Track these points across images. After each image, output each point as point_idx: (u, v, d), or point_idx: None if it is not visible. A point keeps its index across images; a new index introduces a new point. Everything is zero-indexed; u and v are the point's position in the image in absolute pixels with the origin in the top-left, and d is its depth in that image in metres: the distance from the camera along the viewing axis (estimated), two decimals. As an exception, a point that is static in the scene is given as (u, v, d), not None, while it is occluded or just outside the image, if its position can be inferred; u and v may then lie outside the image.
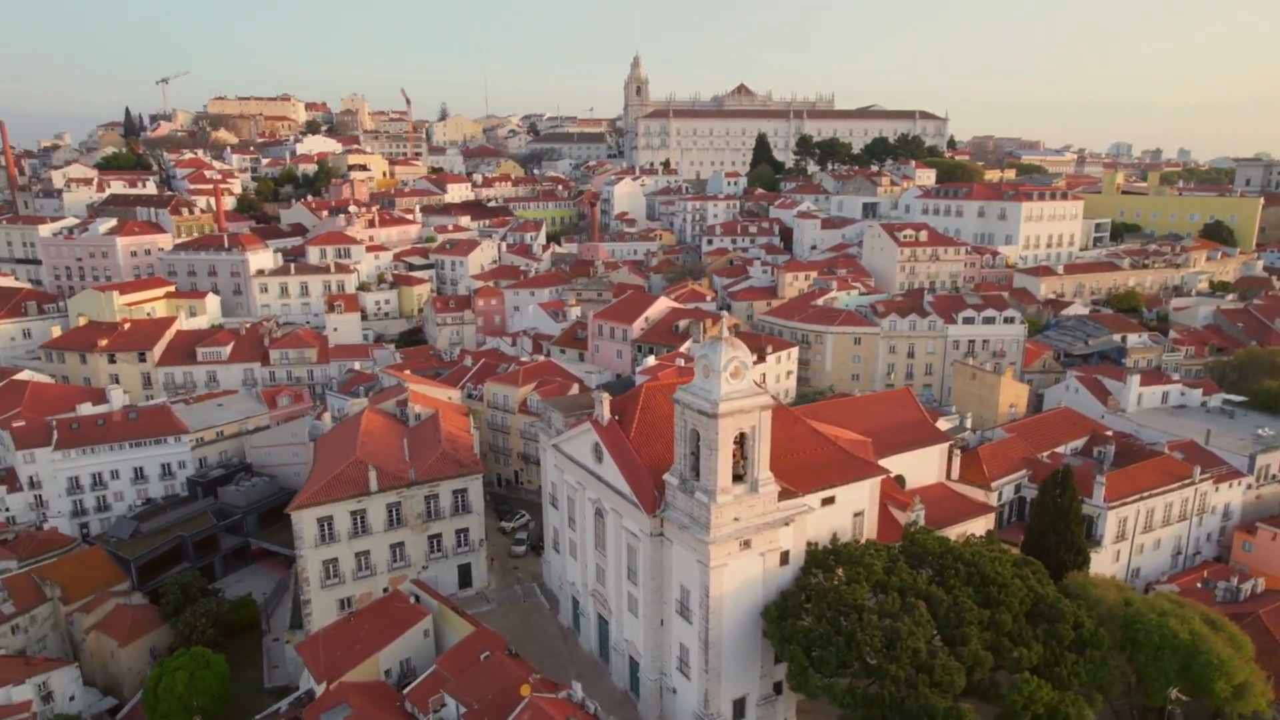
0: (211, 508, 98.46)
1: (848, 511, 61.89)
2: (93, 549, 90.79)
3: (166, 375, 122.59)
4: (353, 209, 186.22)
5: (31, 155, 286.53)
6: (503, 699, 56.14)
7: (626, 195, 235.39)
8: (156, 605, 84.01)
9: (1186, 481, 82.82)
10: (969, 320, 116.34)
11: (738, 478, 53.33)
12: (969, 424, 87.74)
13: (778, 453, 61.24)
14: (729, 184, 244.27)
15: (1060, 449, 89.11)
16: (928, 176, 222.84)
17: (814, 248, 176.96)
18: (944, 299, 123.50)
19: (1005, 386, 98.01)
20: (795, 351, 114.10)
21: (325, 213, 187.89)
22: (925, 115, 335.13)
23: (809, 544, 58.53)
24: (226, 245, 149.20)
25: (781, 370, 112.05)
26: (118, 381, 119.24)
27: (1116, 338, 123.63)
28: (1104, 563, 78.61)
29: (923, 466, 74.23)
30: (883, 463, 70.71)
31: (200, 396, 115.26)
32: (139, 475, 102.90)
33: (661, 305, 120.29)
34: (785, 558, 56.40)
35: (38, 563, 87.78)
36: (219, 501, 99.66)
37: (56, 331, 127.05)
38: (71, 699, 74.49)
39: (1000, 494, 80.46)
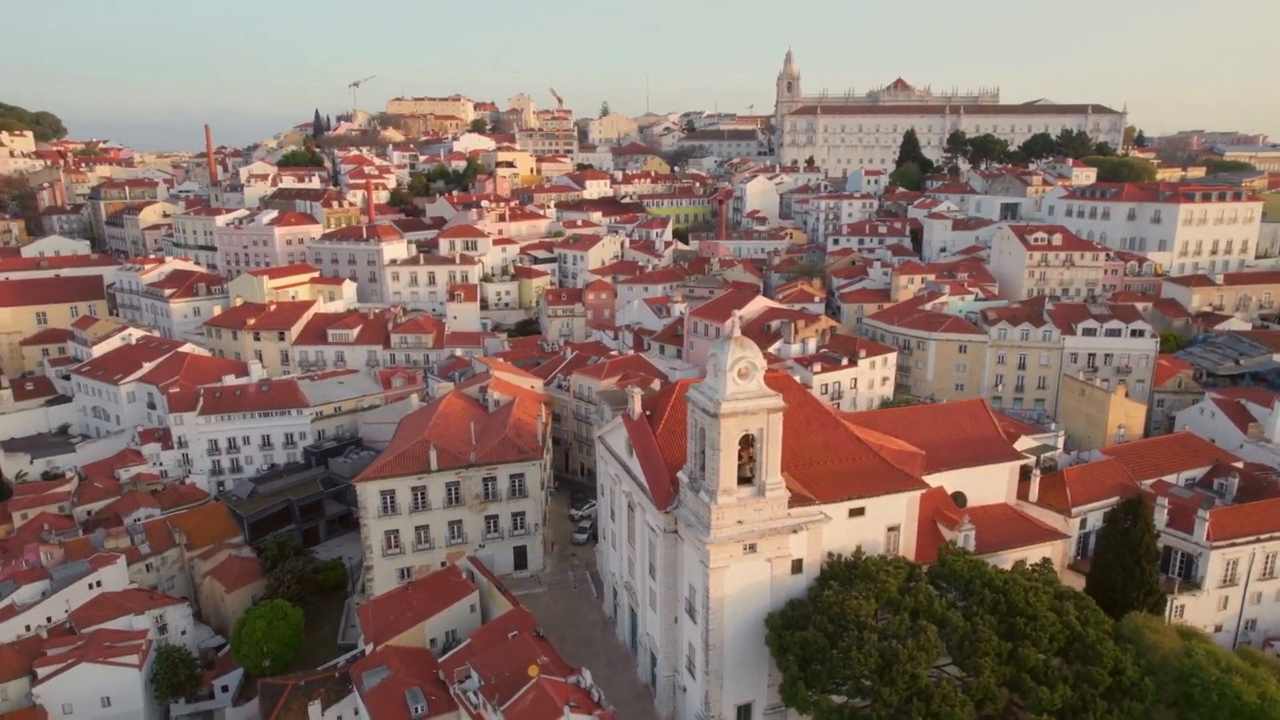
0: (321, 476, 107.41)
1: (879, 525, 59.28)
2: (216, 504, 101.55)
3: (301, 353, 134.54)
4: (485, 204, 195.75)
5: (239, 155, 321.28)
6: (517, 677, 58.36)
7: (759, 193, 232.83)
8: (260, 559, 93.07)
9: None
10: (1090, 332, 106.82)
11: (746, 480, 52.58)
12: (1060, 443, 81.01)
13: (810, 459, 59.94)
14: (869, 182, 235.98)
15: (1170, 478, 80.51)
16: (1086, 176, 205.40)
17: (944, 250, 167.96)
18: (1065, 308, 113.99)
19: (1116, 405, 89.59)
20: (893, 357, 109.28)
21: (462, 207, 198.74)
22: (1100, 109, 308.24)
23: (830, 555, 56.70)
24: (365, 236, 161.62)
25: (876, 376, 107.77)
26: (260, 357, 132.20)
27: (1277, 358, 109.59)
28: (1205, 610, 70.42)
29: (988, 484, 69.45)
30: (940, 478, 67.49)
31: (325, 374, 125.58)
32: (266, 442, 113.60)
33: (758, 304, 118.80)
34: (798, 566, 54.96)
35: (173, 512, 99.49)
36: (329, 471, 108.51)
37: (217, 310, 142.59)
38: (183, 633, 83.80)
39: (1084, 521, 73.97)
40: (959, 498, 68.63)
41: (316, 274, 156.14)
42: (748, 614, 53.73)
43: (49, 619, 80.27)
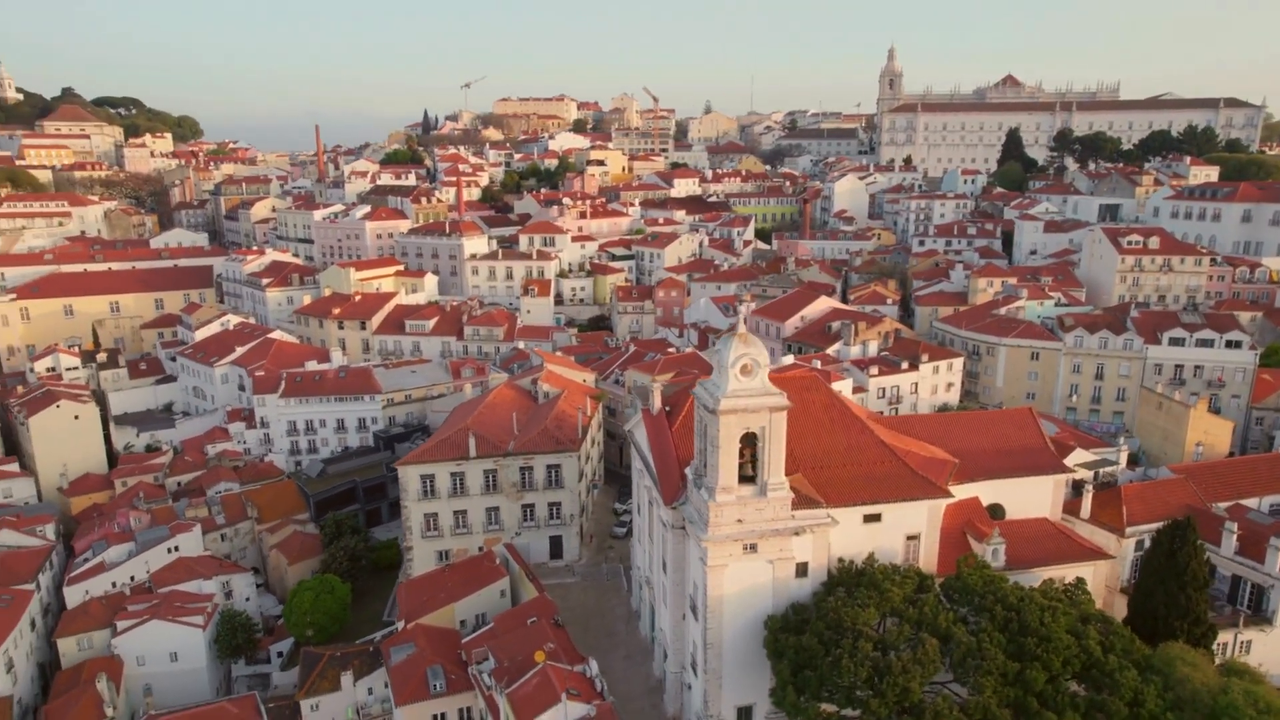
0: (387, 460, 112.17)
1: (897, 533, 57.53)
2: (287, 482, 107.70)
3: (380, 342, 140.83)
4: (565, 201, 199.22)
5: (351, 153, 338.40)
6: (527, 662, 59.85)
7: (847, 192, 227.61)
8: (322, 535, 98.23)
9: None
10: (1177, 341, 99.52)
11: (749, 479, 52.07)
12: (1122, 458, 76.07)
13: (829, 461, 58.93)
14: (965, 182, 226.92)
15: (1250, 501, 74.34)
16: (1205, 175, 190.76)
17: (1033, 253, 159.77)
18: (1152, 315, 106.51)
19: (1195, 420, 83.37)
20: (958, 363, 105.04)
21: (544, 204, 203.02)
22: (1234, 103, 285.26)
23: (840, 560, 55.43)
24: (447, 231, 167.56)
25: (940, 381, 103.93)
26: (343, 345, 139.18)
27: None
28: (1275, 648, 64.78)
29: (1030, 497, 66.02)
30: (976, 488, 64.97)
31: (399, 363, 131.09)
32: (340, 426, 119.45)
33: (821, 305, 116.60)
34: (803, 570, 53.97)
35: (249, 488, 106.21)
36: (394, 455, 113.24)
37: (308, 300, 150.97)
38: (247, 600, 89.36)
39: (1142, 543, 69.18)
40: (996, 510, 65.63)
41: (401, 267, 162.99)
42: (748, 615, 53.19)
43: (132, 578, 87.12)
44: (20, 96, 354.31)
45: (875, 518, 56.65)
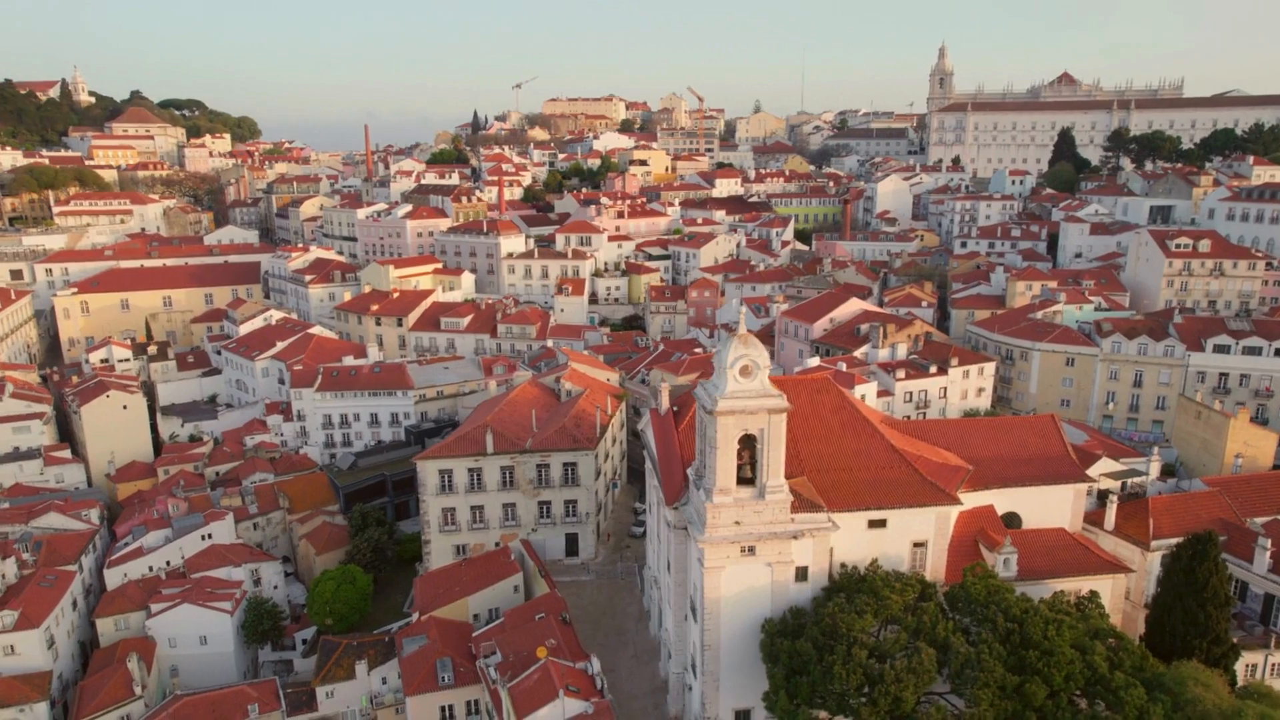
0: (416, 455, 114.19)
1: (903, 539, 56.66)
2: (319, 474, 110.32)
3: (416, 338, 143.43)
4: (604, 200, 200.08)
5: (401, 153, 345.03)
6: (530, 657, 60.49)
7: (891, 193, 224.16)
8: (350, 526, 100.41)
9: None
10: (1222, 349, 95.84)
11: (747, 481, 51.83)
12: (1153, 468, 73.61)
13: (836, 465, 58.44)
14: (1013, 183, 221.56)
15: (1289, 516, 71.27)
16: (1270, 175, 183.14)
17: (1078, 256, 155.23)
18: (1197, 321, 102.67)
19: (1235, 430, 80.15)
20: (990, 367, 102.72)
21: (583, 204, 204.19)
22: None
23: (843, 566, 54.81)
24: (485, 230, 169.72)
25: (971, 386, 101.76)
26: (380, 341, 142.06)
27: None
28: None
29: (1048, 506, 64.30)
30: (991, 495, 63.61)
31: (432, 359, 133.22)
32: (374, 420, 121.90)
33: (851, 306, 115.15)
34: (803, 574, 53.50)
35: (283, 479, 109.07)
36: (424, 450, 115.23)
37: (348, 296, 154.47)
38: (275, 587, 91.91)
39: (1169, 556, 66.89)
40: (1012, 518, 64.13)
41: (440, 265, 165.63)
42: (746, 618, 52.94)
43: (167, 563, 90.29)
44: (92, 99, 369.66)
45: (880, 523, 55.89)
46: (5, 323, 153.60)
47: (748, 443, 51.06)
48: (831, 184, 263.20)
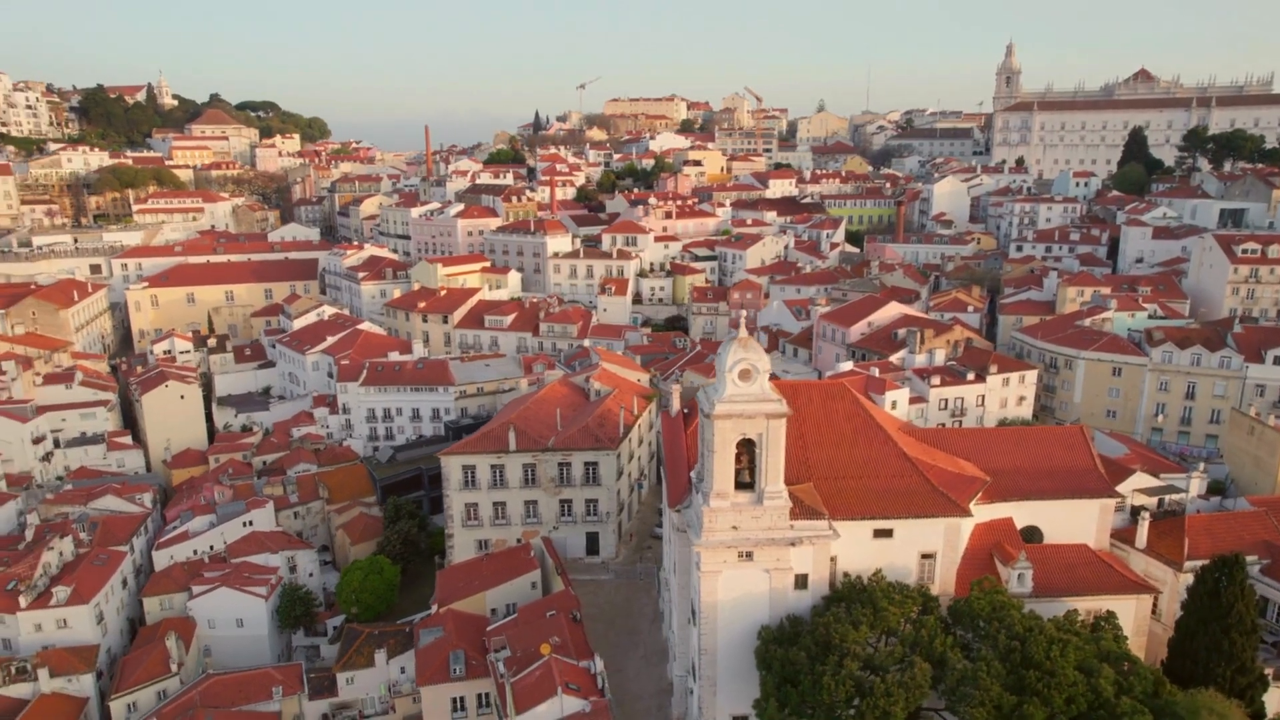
0: (441, 450, 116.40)
1: (910, 550, 55.54)
2: (359, 466, 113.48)
3: (461, 336, 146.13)
4: (652, 201, 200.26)
5: (463, 153, 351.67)
6: (535, 653, 61.30)
7: (947, 195, 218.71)
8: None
9: None
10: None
11: (747, 486, 51.54)
12: (1194, 485, 70.40)
13: (844, 472, 57.77)
14: (1077, 184, 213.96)
15: (1342, 540, 67.33)
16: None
17: (1140, 261, 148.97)
18: (1258, 331, 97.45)
19: (1288, 448, 76.18)
20: (1032, 375, 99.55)
21: (631, 204, 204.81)
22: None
23: (846, 575, 54.04)
24: (532, 230, 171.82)
25: (1011, 395, 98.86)
26: (426, 338, 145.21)
27: None
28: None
29: (1072, 521, 62.08)
30: (1010, 508, 61.94)
31: (474, 356, 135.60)
32: (415, 415, 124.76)
33: (890, 310, 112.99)
34: (803, 582, 52.89)
35: (325, 470, 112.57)
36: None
37: (398, 293, 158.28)
38: (310, 575, 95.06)
39: (1204, 578, 63.92)
40: (1033, 532, 62.18)
41: (488, 264, 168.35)
42: (744, 624, 52.60)
43: (211, 547, 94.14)
44: (175, 102, 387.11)
45: (886, 533, 54.89)
46: (82, 314, 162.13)
47: (747, 447, 50.76)
48: (889, 185, 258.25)
